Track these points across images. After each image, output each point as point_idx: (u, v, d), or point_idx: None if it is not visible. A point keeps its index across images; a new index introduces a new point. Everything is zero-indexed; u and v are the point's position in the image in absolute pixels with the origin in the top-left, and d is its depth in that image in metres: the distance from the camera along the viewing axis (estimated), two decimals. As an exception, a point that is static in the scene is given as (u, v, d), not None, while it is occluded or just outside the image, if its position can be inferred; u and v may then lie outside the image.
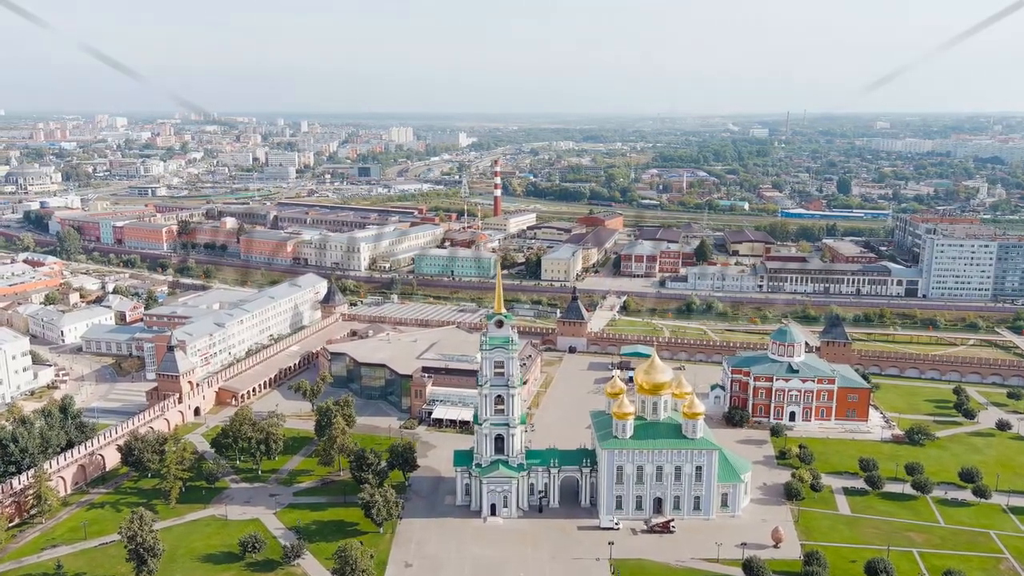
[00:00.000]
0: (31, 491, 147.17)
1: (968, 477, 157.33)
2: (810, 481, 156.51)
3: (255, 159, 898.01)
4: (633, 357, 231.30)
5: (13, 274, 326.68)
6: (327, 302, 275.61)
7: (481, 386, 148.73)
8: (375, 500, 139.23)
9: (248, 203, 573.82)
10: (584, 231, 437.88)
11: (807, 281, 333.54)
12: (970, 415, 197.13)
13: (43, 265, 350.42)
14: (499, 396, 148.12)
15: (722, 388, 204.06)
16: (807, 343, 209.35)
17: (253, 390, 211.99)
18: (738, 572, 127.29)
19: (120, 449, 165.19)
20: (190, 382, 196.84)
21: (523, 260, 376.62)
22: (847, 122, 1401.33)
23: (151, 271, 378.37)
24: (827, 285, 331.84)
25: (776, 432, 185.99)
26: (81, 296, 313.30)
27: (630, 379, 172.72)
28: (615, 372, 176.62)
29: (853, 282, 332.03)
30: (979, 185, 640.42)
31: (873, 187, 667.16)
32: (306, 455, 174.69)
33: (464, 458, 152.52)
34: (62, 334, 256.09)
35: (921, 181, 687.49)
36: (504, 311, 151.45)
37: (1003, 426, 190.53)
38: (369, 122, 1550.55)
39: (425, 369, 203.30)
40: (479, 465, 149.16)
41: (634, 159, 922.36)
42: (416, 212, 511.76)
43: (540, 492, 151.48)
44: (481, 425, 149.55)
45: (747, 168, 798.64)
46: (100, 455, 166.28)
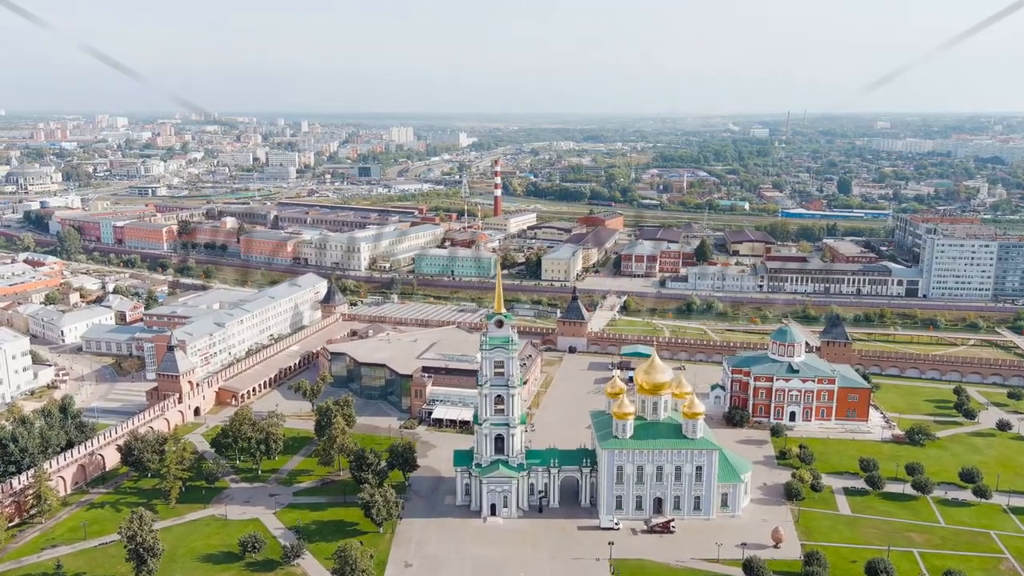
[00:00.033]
0: (31, 491, 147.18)
1: (968, 477, 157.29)
2: (810, 481, 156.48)
3: (255, 159, 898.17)
4: (633, 357, 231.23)
5: (13, 274, 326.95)
6: (327, 302, 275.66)
7: (481, 386, 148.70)
8: (375, 500, 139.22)
9: (248, 203, 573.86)
10: (584, 231, 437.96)
11: (807, 281, 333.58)
12: (970, 415, 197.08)
13: (43, 265, 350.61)
14: (499, 396, 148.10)
15: (722, 388, 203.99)
16: (807, 343, 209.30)
17: (253, 390, 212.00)
18: (738, 572, 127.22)
19: (120, 449, 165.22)
20: (190, 382, 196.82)
21: (523, 260, 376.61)
22: (847, 122, 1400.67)
23: (151, 271, 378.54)
24: (827, 285, 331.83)
25: (776, 432, 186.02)
26: (81, 296, 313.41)
27: (630, 379, 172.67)
28: (615, 372, 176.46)
29: (853, 282, 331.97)
30: (979, 185, 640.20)
31: (873, 187, 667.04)
32: (306, 455, 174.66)
33: (464, 458, 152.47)
34: (62, 334, 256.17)
35: (921, 181, 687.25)
36: (504, 311, 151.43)
37: (1003, 426, 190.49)
38: (369, 122, 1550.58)
39: (425, 369, 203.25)
40: (479, 465, 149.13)
41: (634, 159, 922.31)
42: (416, 212, 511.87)
43: (540, 492, 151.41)
44: (481, 425, 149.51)
45: (747, 168, 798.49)
46: (100, 455, 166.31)
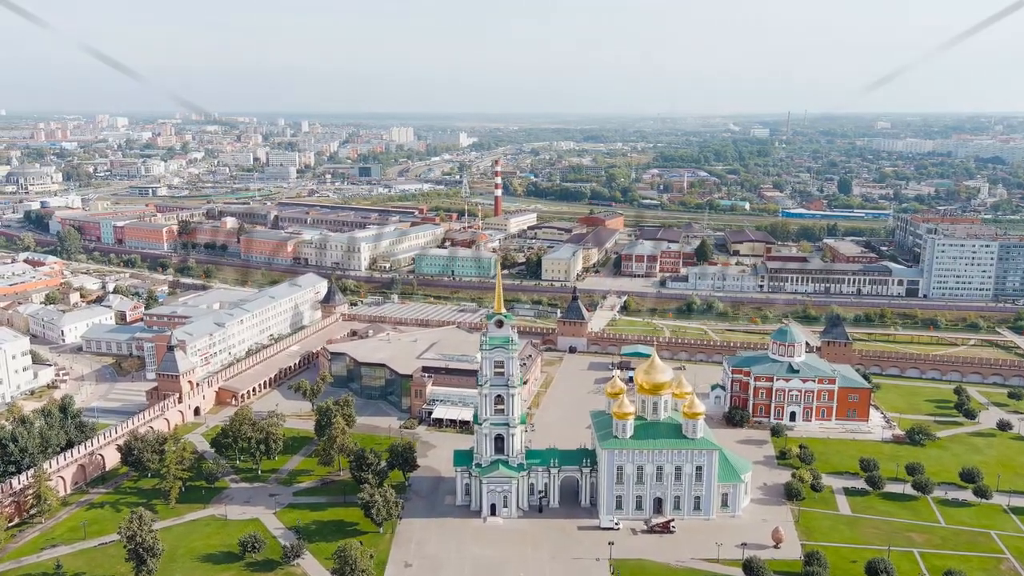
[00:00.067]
0: (31, 491, 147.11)
1: (969, 477, 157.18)
2: (810, 481, 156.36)
3: (256, 159, 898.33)
4: (633, 357, 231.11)
5: (13, 274, 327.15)
6: (327, 302, 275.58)
7: (481, 386, 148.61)
8: (375, 500, 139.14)
9: (248, 203, 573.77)
10: (584, 231, 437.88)
11: (808, 281, 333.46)
12: (971, 415, 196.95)
13: (43, 265, 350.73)
14: (499, 396, 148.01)
15: (722, 388, 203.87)
16: (808, 343, 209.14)
17: (253, 390, 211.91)
18: (738, 572, 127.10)
19: (120, 449, 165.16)
20: (190, 382, 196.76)
21: (523, 260, 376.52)
22: (848, 122, 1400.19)
23: (151, 271, 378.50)
24: (828, 285, 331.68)
25: (776, 432, 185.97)
26: (81, 296, 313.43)
27: (630, 379, 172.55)
28: (615, 372, 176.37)
29: (854, 282, 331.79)
30: (980, 185, 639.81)
31: (874, 187, 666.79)
32: (306, 455, 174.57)
33: (464, 458, 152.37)
34: (62, 334, 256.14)
35: (922, 181, 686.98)
36: (504, 311, 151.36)
37: (1004, 426, 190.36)
38: (369, 122, 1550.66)
39: (425, 369, 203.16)
40: (479, 465, 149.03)
41: (635, 159, 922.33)
42: (417, 212, 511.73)
43: (540, 492, 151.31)
44: (481, 425, 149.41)
45: (748, 168, 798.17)
46: (100, 455, 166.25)
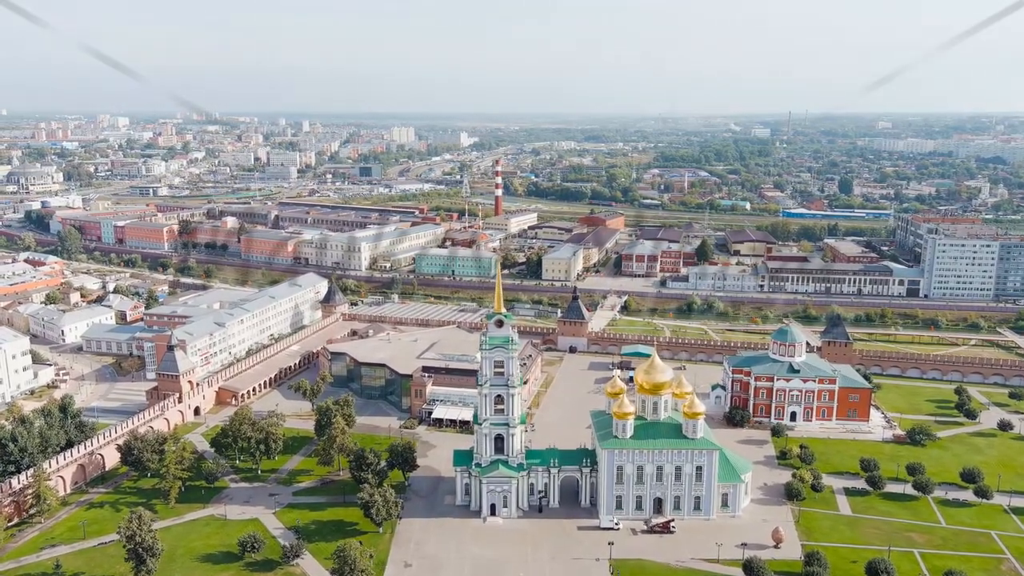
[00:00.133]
0: (30, 490, 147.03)
1: (969, 477, 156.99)
2: (811, 481, 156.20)
3: (256, 159, 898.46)
4: (634, 357, 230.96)
5: (14, 273, 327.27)
6: (327, 302, 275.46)
7: (481, 386, 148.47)
8: (374, 500, 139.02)
9: (249, 203, 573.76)
10: (585, 231, 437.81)
11: (808, 281, 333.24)
12: (972, 415, 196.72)
13: (44, 264, 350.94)
14: (499, 396, 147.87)
15: (723, 388, 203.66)
16: (808, 343, 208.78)
17: (253, 390, 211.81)
18: (738, 572, 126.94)
19: (120, 449, 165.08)
20: (190, 382, 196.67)
21: (524, 260, 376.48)
22: (849, 122, 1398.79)
23: (152, 271, 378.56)
24: (828, 285, 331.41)
25: (777, 432, 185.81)
26: (82, 295, 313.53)
27: (630, 379, 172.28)
28: (615, 372, 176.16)
29: (854, 282, 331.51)
30: (981, 185, 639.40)
31: (875, 187, 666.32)
32: (306, 455, 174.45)
33: (464, 458, 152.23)
34: (62, 333, 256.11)
35: (923, 181, 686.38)
36: (504, 311, 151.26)
37: (1005, 426, 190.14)
38: (370, 122, 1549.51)
39: (425, 369, 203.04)
40: (479, 465, 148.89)
41: (636, 159, 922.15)
42: (417, 212, 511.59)
43: (540, 492, 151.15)
44: (481, 425, 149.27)
45: (749, 168, 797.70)
46: (100, 455, 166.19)
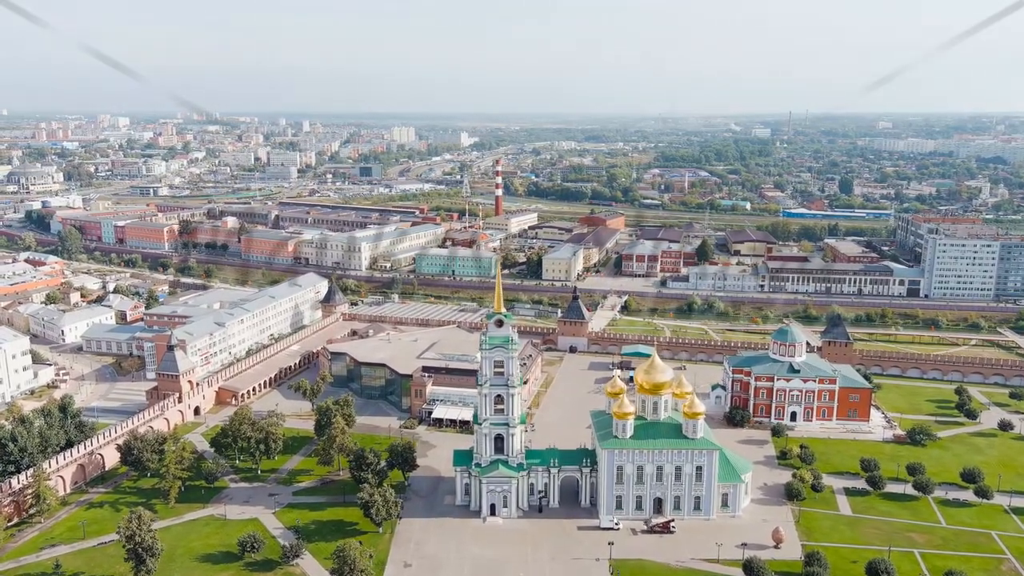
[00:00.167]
0: (30, 490, 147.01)
1: (970, 478, 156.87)
2: (811, 481, 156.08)
3: (257, 159, 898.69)
4: (634, 357, 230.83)
5: (14, 273, 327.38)
6: (327, 301, 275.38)
7: (481, 386, 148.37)
8: (374, 500, 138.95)
9: (249, 203, 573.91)
10: (585, 231, 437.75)
11: (809, 281, 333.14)
12: (972, 415, 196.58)
13: (44, 264, 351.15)
14: (499, 396, 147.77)
15: (723, 388, 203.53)
16: (808, 343, 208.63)
17: (253, 389, 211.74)
18: (738, 572, 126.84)
19: (119, 448, 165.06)
20: (190, 381, 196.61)
21: (524, 260, 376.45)
22: (849, 122, 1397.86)
23: (152, 270, 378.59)
24: (829, 285, 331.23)
25: (777, 432, 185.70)
26: (82, 295, 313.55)
27: (630, 379, 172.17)
28: (615, 372, 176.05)
29: (855, 282, 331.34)
30: (981, 185, 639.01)
31: (875, 187, 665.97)
32: (306, 455, 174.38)
33: (464, 458, 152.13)
34: (62, 333, 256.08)
35: (923, 181, 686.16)
36: (504, 311, 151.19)
37: (1005, 426, 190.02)
38: (370, 122, 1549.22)
39: (425, 369, 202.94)
40: (479, 465, 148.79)
41: (636, 159, 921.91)
42: (417, 212, 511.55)
43: (540, 492, 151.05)
44: (481, 425, 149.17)
45: (749, 168, 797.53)
46: (99, 454, 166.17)
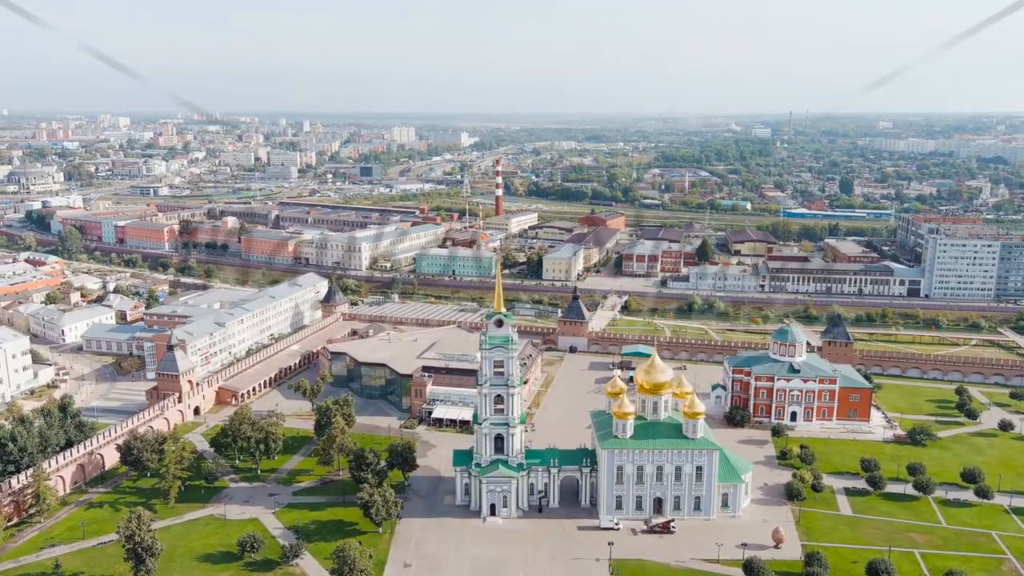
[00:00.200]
0: (30, 490, 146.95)
1: (970, 478, 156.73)
2: (811, 481, 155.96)
3: (257, 159, 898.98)
4: (634, 357, 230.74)
5: (15, 273, 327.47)
6: (327, 301, 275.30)
7: (481, 385, 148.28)
8: (374, 500, 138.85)
9: (250, 203, 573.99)
10: (585, 231, 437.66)
11: (809, 281, 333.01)
12: (972, 415, 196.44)
13: (44, 264, 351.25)
14: (499, 395, 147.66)
15: (723, 388, 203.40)
16: (809, 343, 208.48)
17: (253, 389, 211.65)
18: (738, 573, 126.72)
19: (119, 448, 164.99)
20: (190, 381, 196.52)
21: (524, 260, 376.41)
22: (850, 122, 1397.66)
23: (152, 270, 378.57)
24: (829, 285, 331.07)
25: (777, 432, 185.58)
26: (82, 295, 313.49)
27: (631, 379, 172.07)
28: (616, 372, 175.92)
29: (855, 282, 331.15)
30: (982, 185, 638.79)
31: (876, 187, 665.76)
32: (305, 455, 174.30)
33: (464, 458, 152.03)
34: (63, 333, 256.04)
35: (924, 181, 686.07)
36: (504, 310, 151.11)
37: (1005, 426, 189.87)
38: (371, 122, 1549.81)
39: (425, 369, 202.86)
40: (479, 465, 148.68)
41: (636, 159, 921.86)
42: (418, 212, 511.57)
43: (540, 492, 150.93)
44: (481, 425, 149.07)
45: (749, 168, 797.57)
46: (99, 454, 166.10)
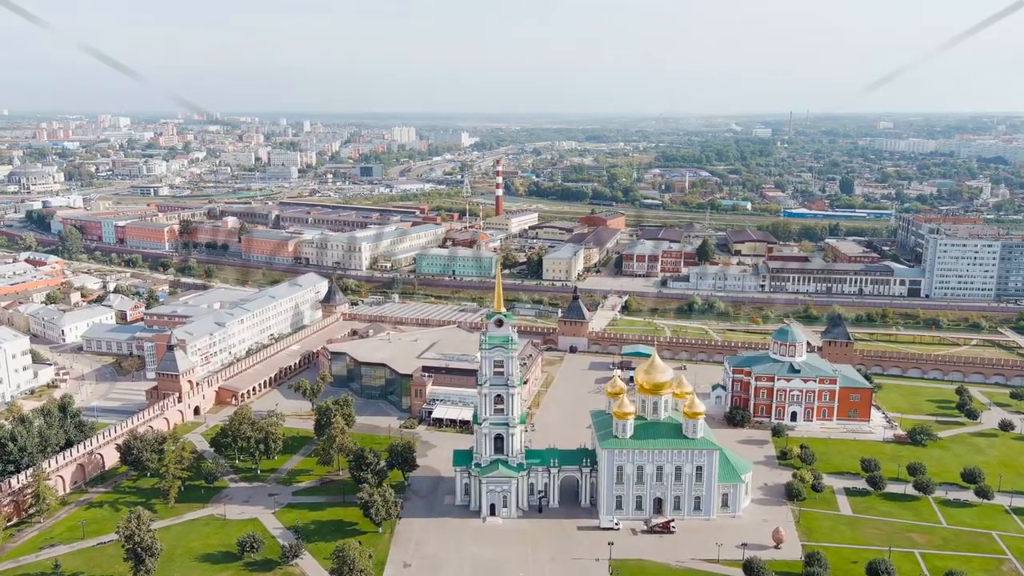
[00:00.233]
0: (29, 490, 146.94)
1: (970, 478, 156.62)
2: (811, 481, 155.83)
3: (257, 159, 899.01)
4: (634, 357, 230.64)
5: (15, 273, 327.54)
6: (328, 301, 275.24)
7: (481, 385, 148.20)
8: (374, 500, 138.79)
9: (250, 203, 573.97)
10: (586, 231, 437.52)
11: (809, 281, 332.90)
12: (973, 415, 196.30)
13: (45, 264, 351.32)
14: (498, 395, 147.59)
15: (723, 388, 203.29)
16: (809, 343, 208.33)
17: (253, 389, 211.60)
18: (738, 573, 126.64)
19: (119, 448, 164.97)
20: (190, 381, 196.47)
21: (525, 260, 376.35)
22: (850, 122, 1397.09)
23: (152, 270, 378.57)
24: (829, 285, 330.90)
25: (777, 432, 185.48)
26: (82, 295, 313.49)
27: (631, 379, 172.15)
28: (616, 372, 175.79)
29: (855, 282, 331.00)
30: (982, 185, 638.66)
31: (876, 187, 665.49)
32: (305, 455, 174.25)
33: (463, 458, 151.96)
34: (63, 333, 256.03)
35: (924, 181, 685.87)
36: (504, 310, 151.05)
37: (1006, 426, 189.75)
38: (371, 122, 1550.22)
39: (425, 368, 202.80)
40: (478, 465, 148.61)
41: (637, 159, 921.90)
42: (418, 212, 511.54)
43: (540, 492, 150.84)
44: (481, 425, 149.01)
45: (750, 168, 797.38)
46: (99, 454, 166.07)
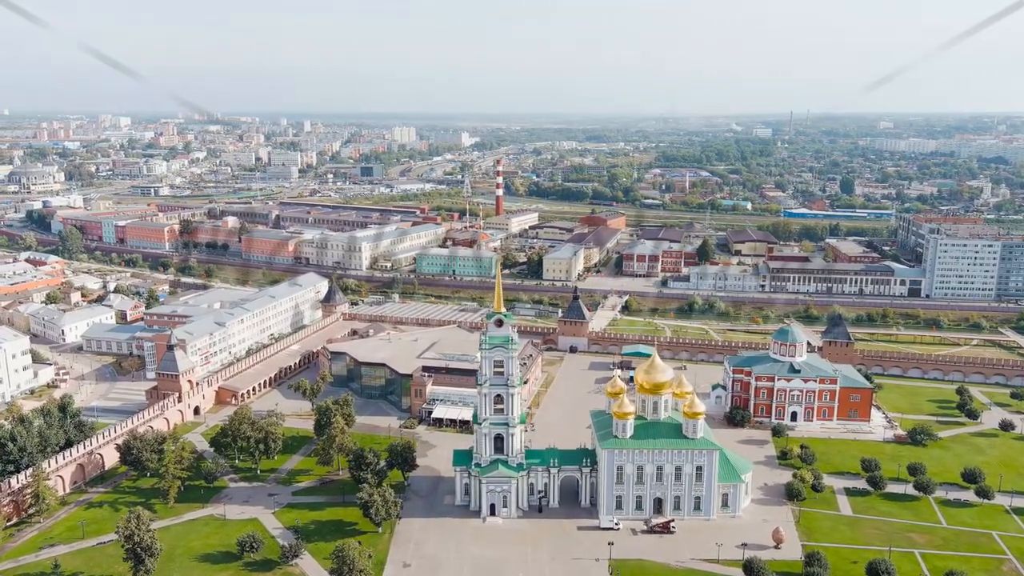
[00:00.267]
0: (29, 490, 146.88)
1: (971, 478, 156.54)
2: (811, 481, 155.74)
3: (258, 159, 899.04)
4: (634, 357, 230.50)
5: (15, 273, 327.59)
6: (328, 301, 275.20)
7: (481, 385, 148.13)
8: (374, 500, 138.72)
9: (250, 203, 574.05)
10: (586, 231, 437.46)
11: (810, 281, 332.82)
12: (973, 415, 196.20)
13: (45, 264, 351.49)
14: (498, 395, 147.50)
15: (723, 388, 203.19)
16: (809, 343, 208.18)
17: (253, 389, 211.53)
18: (738, 573, 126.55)
19: (119, 448, 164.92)
20: (190, 381, 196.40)
21: (525, 260, 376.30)
22: (850, 122, 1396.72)
23: (153, 270, 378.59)
24: (830, 285, 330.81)
25: (777, 432, 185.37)
26: (82, 295, 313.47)
27: (631, 379, 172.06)
28: (616, 372, 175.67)
29: (856, 282, 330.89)
30: (983, 185, 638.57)
31: (876, 187, 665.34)
32: (305, 454, 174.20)
33: (463, 458, 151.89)
34: (63, 333, 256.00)
35: (925, 181, 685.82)
36: (504, 310, 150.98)
37: (1006, 426, 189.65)
38: (371, 122, 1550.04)
39: (425, 368, 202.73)
40: (478, 465, 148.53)
41: (637, 159, 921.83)
42: (418, 212, 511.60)
43: (540, 492, 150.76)
44: (481, 425, 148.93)
45: (750, 168, 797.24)
46: (99, 454, 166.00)
